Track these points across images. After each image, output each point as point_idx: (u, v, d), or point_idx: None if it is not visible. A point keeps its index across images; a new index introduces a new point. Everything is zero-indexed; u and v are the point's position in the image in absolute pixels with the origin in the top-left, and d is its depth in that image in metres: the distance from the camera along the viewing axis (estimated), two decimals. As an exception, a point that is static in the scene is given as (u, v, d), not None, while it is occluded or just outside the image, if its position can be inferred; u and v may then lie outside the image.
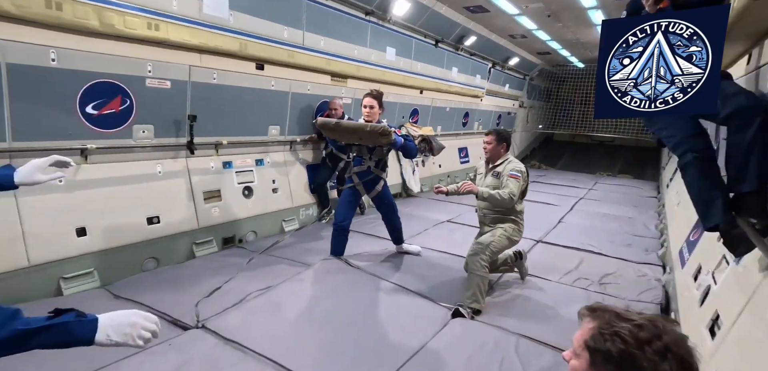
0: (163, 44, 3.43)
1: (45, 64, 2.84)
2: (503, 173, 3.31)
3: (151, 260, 3.57)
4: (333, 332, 2.73)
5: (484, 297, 3.13)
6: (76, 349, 1.16)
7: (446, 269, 3.91)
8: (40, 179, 1.58)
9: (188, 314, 2.76)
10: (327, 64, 5.07)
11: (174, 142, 3.81)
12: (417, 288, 3.42)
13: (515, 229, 3.38)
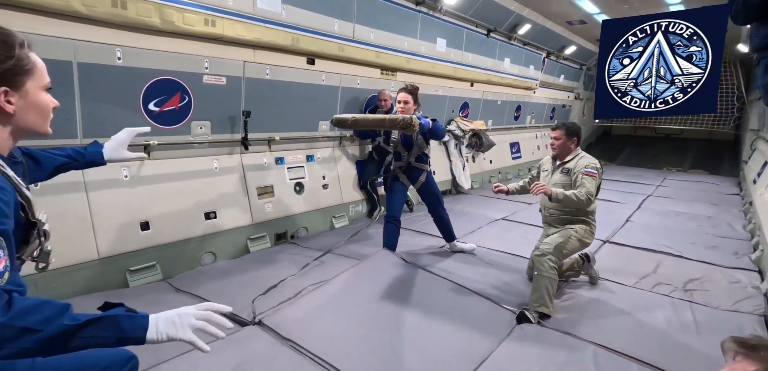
0: (220, 40, 3.46)
1: (112, 63, 2.92)
2: (575, 169, 3.02)
3: (209, 254, 3.63)
4: (391, 334, 2.59)
5: (552, 300, 2.87)
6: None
7: (505, 269, 3.66)
8: (126, 156, 1.67)
9: (245, 309, 2.73)
10: (377, 57, 4.96)
11: (229, 138, 3.85)
12: (477, 288, 3.21)
13: (587, 230, 3.08)
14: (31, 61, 1.06)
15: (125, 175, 3.16)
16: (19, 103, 1.03)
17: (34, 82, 1.06)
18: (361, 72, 4.94)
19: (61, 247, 2.76)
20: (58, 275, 2.76)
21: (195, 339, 1.07)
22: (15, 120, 1.04)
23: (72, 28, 2.69)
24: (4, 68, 0.98)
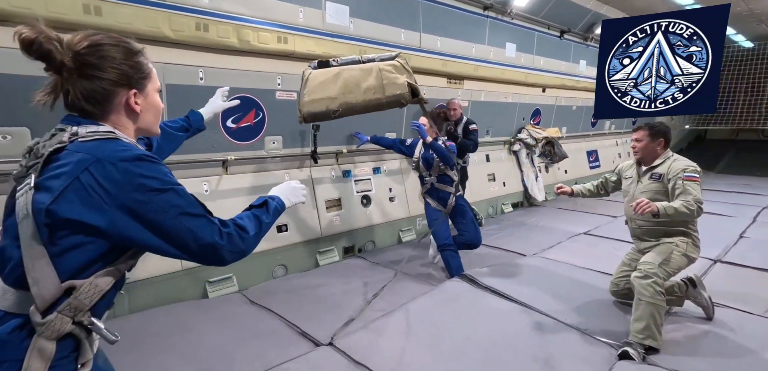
0: (291, 56, 3.52)
1: (195, 83, 3.08)
2: (668, 175, 2.62)
3: (281, 267, 3.67)
4: (469, 368, 2.36)
5: (660, 331, 2.46)
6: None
7: (593, 291, 3.26)
8: (221, 106, 2.14)
9: (317, 328, 2.68)
10: (443, 65, 4.80)
11: (300, 151, 3.90)
12: (565, 316, 2.87)
13: (689, 243, 2.65)
14: (149, 66, 1.16)
15: (206, 189, 3.30)
16: (143, 104, 1.12)
17: (152, 84, 1.16)
18: (427, 82, 4.80)
19: (146, 259, 2.92)
20: (145, 285, 2.91)
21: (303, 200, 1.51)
22: (139, 120, 1.13)
23: (162, 53, 2.87)
24: (131, 72, 1.08)
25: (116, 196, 0.94)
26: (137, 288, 2.87)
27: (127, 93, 1.07)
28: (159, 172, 0.99)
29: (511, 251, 4.26)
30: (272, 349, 2.45)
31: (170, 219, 0.99)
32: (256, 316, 2.87)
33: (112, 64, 1.03)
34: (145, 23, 2.68)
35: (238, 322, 2.75)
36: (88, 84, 1.01)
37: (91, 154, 0.95)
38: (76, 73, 1.00)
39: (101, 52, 1.02)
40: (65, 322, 0.95)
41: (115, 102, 1.06)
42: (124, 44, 1.08)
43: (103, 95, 1.03)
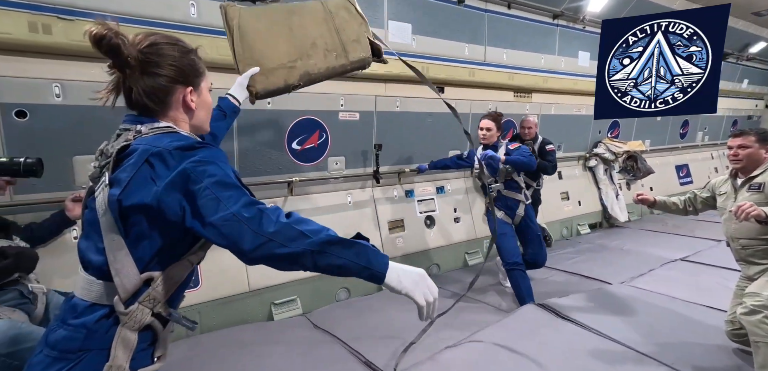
0: (354, 77, 3.49)
1: (263, 107, 3.15)
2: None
3: (343, 289, 3.59)
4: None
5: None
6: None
7: (701, 330, 2.78)
8: (243, 83, 1.95)
9: (381, 357, 2.53)
10: (510, 78, 4.54)
11: (362, 171, 3.85)
12: (666, 356, 2.45)
13: None
14: (203, 65, 1.19)
15: (271, 211, 3.35)
16: (197, 101, 1.16)
17: (205, 83, 1.19)
18: (493, 96, 4.58)
19: (217, 279, 2.99)
20: (216, 306, 2.97)
21: (424, 306, 1.11)
22: (194, 117, 1.17)
23: (233, 79, 2.97)
24: (188, 70, 1.12)
25: (172, 180, 0.95)
26: (208, 308, 2.94)
27: (184, 90, 1.11)
28: (211, 156, 1.00)
29: (593, 278, 3.82)
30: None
31: (213, 199, 0.96)
32: (320, 341, 2.80)
33: (170, 62, 1.08)
34: (219, 53, 2.79)
35: (302, 348, 2.69)
36: (150, 81, 1.06)
37: (152, 145, 0.99)
38: (139, 70, 1.05)
39: (161, 50, 1.07)
40: (145, 313, 1.01)
41: (173, 99, 1.10)
42: (179, 44, 1.12)
43: (163, 91, 1.08)
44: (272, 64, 2.01)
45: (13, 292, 1.69)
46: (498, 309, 3.24)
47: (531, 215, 3.46)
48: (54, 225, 2.20)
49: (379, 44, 2.28)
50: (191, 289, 2.86)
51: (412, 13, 3.73)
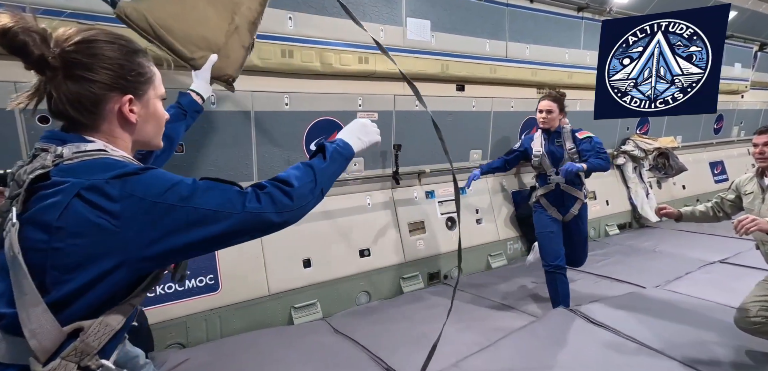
0: (372, 77, 3.45)
1: (280, 109, 3.12)
2: None
3: (364, 293, 3.52)
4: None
5: None
6: None
7: (744, 335, 2.57)
8: (206, 78, 1.82)
9: (404, 363, 2.44)
10: (533, 75, 4.39)
11: (381, 173, 3.78)
12: (713, 368, 2.28)
13: None
14: (151, 69, 1.01)
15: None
16: (140, 112, 0.98)
17: (154, 91, 1.01)
18: (515, 93, 4.44)
19: (238, 284, 2.96)
20: (236, 310, 2.94)
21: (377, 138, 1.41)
22: (136, 131, 0.98)
23: (251, 82, 2.95)
24: (128, 75, 0.93)
25: (122, 221, 0.81)
26: (228, 312, 2.91)
27: (120, 99, 0.92)
28: (156, 179, 0.86)
29: (626, 281, 3.63)
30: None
31: (186, 214, 0.86)
32: (341, 346, 2.73)
33: (104, 64, 0.89)
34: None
35: (323, 353, 2.63)
36: (75, 86, 0.87)
37: (82, 178, 0.81)
38: (62, 73, 0.86)
39: (93, 48, 0.88)
40: (70, 369, 0.83)
41: (105, 109, 0.91)
42: (121, 41, 0.93)
43: (92, 100, 0.89)
44: (220, 38, 1.82)
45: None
46: (526, 313, 3.10)
47: (584, 215, 3.19)
48: None
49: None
50: (211, 293, 2.84)
51: (430, 9, 3.64)
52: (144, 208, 0.83)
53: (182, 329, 2.73)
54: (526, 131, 4.66)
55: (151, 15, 1.69)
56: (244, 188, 0.97)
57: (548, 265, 3.08)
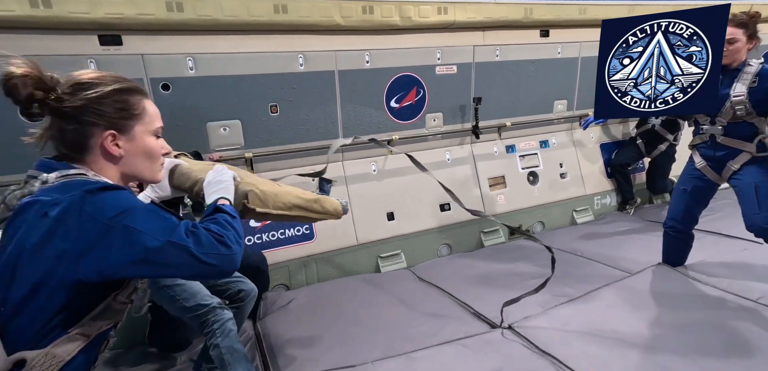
0: (451, 28, 3.38)
1: (361, 67, 3.21)
2: None
3: (445, 246, 3.61)
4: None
5: None
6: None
7: None
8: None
9: (491, 310, 2.50)
10: (630, 11, 3.95)
11: (460, 127, 3.75)
12: None
13: None
14: (141, 106, 1.07)
15: (374, 169, 3.45)
16: (126, 146, 1.04)
17: (142, 126, 1.07)
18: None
19: (330, 233, 3.20)
20: (328, 257, 3.20)
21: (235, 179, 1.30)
22: (123, 164, 1.05)
23: (333, 41, 3.07)
24: (111, 111, 1.00)
25: (60, 229, 0.86)
26: (323, 259, 3.18)
27: (101, 134, 0.99)
28: (115, 199, 0.92)
29: (736, 237, 3.27)
30: (447, 327, 2.38)
31: (117, 231, 0.89)
32: (427, 293, 2.86)
33: (85, 101, 0.97)
34: (320, 13, 2.89)
35: (410, 298, 2.78)
36: (62, 123, 0.97)
37: (53, 196, 0.89)
38: (57, 113, 0.96)
39: (79, 88, 0.97)
40: None
41: (89, 143, 0.99)
42: (105, 81, 1.00)
43: (74, 134, 0.97)
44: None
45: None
46: (620, 268, 2.97)
47: (751, 172, 2.37)
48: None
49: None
50: (307, 242, 3.11)
51: (513, -51, 3.42)
52: (83, 222, 0.87)
53: (285, 272, 3.05)
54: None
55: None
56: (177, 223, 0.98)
57: (666, 222, 2.76)
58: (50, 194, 0.90)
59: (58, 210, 0.87)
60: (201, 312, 1.85)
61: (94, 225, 0.87)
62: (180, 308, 1.87)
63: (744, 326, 2.15)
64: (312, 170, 3.23)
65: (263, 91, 2.94)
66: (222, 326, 1.83)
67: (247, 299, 2.16)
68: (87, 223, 0.87)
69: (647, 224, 3.85)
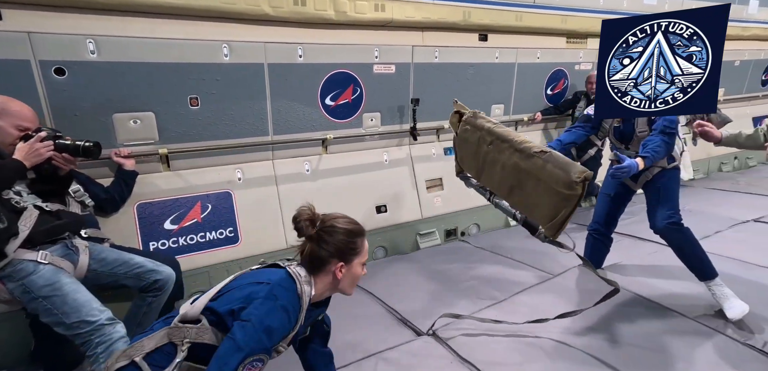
0: (389, 26, 3.30)
1: (294, 61, 3.05)
2: None
3: (381, 248, 3.55)
4: None
5: None
6: None
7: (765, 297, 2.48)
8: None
9: (418, 316, 2.47)
10: (563, 22, 4.11)
11: (398, 128, 3.69)
12: (734, 331, 2.20)
13: None
14: (363, 246, 1.51)
15: (307, 169, 3.30)
16: (345, 273, 1.47)
17: (359, 259, 1.49)
18: (542, 43, 4.18)
19: (256, 237, 3.02)
20: (255, 261, 3.00)
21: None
22: (338, 285, 1.48)
23: (263, 32, 2.88)
24: (347, 249, 1.46)
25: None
26: (247, 264, 2.99)
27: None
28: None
29: (651, 240, 3.50)
30: (373, 336, 2.31)
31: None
32: (357, 299, 2.76)
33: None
34: (247, 2, 2.69)
35: (338, 304, 2.67)
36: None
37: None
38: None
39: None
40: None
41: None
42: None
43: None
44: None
45: (60, 245, 1.82)
46: (546, 271, 3.06)
47: (659, 179, 2.63)
48: (121, 182, 2.51)
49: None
50: (231, 245, 2.92)
51: (452, -49, 3.41)
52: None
53: (205, 278, 2.83)
54: (553, 84, 4.44)
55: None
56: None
57: (591, 225, 2.90)
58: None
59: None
60: (83, 331, 1.63)
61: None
62: (58, 324, 1.64)
63: (653, 326, 2.28)
64: (236, 168, 3.05)
65: (182, 82, 2.70)
66: (108, 349, 1.61)
67: (165, 287, 2.08)
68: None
69: (573, 226, 4.02)
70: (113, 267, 1.95)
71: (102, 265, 1.92)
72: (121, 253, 2.03)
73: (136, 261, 2.01)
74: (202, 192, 2.91)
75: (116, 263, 1.96)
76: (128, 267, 1.98)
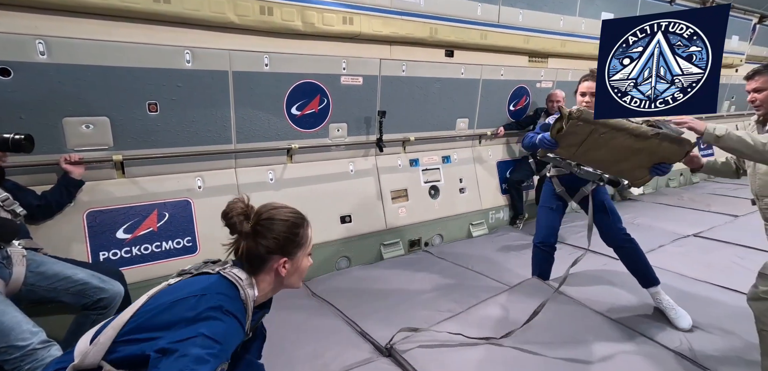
0: (357, 38, 3.33)
1: (260, 70, 3.02)
2: None
3: (344, 259, 3.56)
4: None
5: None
6: None
7: (709, 309, 2.68)
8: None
9: (378, 329, 2.50)
10: (525, 42, 4.28)
11: (365, 139, 3.73)
12: (669, 340, 2.37)
13: None
14: (306, 235, 1.37)
15: (271, 178, 3.27)
16: (289, 268, 1.33)
17: (303, 251, 1.37)
18: (506, 61, 4.34)
19: (217, 245, 2.96)
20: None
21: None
22: (283, 281, 1.34)
23: (227, 39, 2.84)
24: (289, 243, 1.31)
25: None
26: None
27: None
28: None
29: (599, 253, 3.70)
30: (331, 349, 2.32)
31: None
32: (318, 310, 2.78)
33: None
34: (211, 8, 2.65)
35: (300, 315, 2.68)
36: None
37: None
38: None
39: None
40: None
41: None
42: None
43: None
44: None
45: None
46: (501, 282, 3.17)
47: (601, 195, 2.85)
48: (64, 189, 2.35)
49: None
50: (189, 255, 2.85)
51: (420, -31, 3.48)
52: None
53: (159, 290, 2.75)
54: (516, 100, 4.61)
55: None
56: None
57: (536, 240, 3.03)
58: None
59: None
60: (13, 357, 1.51)
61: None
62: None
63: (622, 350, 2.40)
64: (196, 176, 2.99)
65: (140, 87, 2.61)
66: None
67: (111, 305, 1.95)
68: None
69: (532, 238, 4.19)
70: (53, 282, 1.82)
71: (40, 279, 1.79)
72: (65, 266, 1.90)
73: (79, 277, 1.88)
74: (160, 200, 2.82)
75: (57, 277, 1.84)
76: (70, 283, 1.85)
